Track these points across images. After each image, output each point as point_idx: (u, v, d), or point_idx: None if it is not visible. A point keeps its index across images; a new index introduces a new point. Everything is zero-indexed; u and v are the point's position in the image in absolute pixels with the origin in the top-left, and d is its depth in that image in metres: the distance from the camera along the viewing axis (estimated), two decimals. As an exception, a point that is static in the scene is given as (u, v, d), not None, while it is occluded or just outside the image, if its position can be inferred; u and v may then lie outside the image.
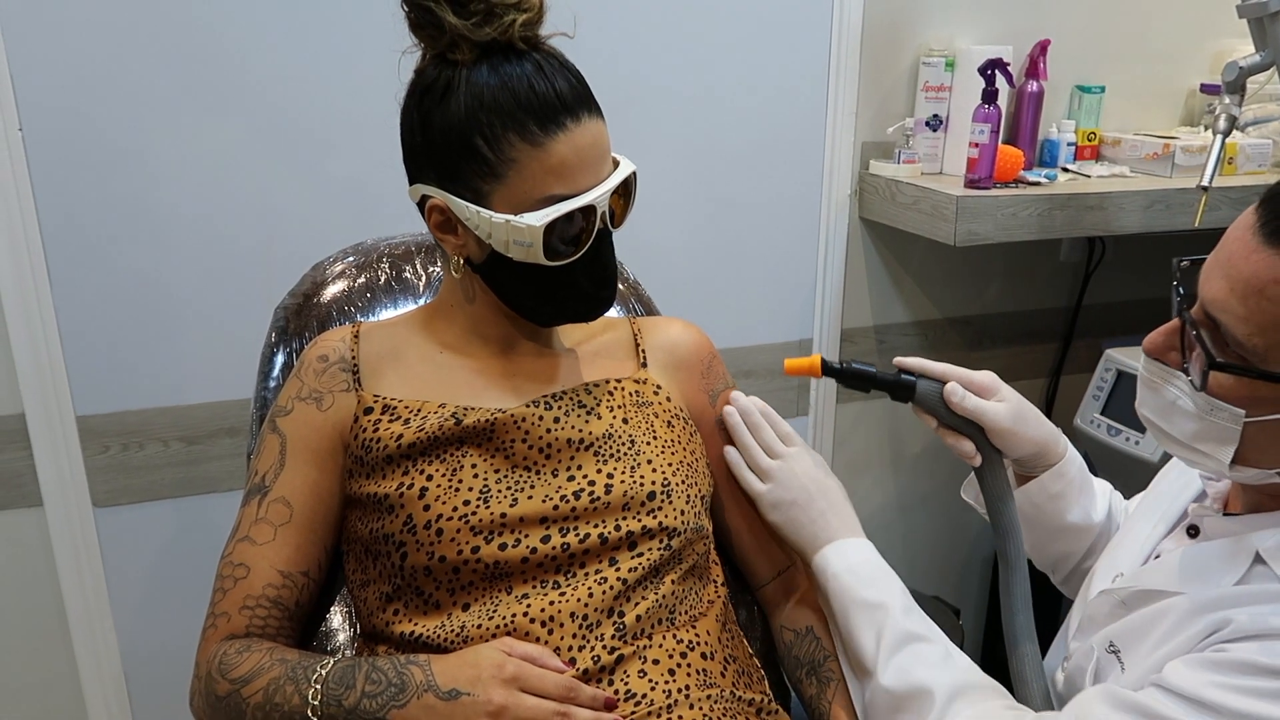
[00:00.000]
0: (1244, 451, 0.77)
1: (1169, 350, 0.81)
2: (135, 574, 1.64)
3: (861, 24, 1.82)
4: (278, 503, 0.94)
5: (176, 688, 1.69)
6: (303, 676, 0.85)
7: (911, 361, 1.00)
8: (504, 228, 0.88)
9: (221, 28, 1.47)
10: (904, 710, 0.89)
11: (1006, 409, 0.97)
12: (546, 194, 0.88)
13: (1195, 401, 0.78)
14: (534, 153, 0.86)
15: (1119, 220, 1.79)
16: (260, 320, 1.21)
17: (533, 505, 0.91)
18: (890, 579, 0.97)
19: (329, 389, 0.97)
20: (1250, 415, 0.75)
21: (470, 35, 0.86)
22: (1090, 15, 1.97)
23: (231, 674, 0.87)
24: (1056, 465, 1.03)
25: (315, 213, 1.58)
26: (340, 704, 0.83)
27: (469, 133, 0.87)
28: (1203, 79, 2.07)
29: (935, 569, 2.28)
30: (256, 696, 0.86)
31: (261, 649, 0.89)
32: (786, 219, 1.90)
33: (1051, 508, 1.04)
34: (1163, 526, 0.93)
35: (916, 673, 0.89)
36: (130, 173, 1.48)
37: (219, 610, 0.93)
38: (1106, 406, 1.81)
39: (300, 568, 0.94)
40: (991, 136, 1.70)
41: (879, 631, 0.92)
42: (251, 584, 0.92)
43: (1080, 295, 2.17)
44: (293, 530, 0.94)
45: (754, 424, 1.05)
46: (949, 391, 0.97)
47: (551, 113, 0.86)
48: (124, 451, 1.57)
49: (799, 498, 1.01)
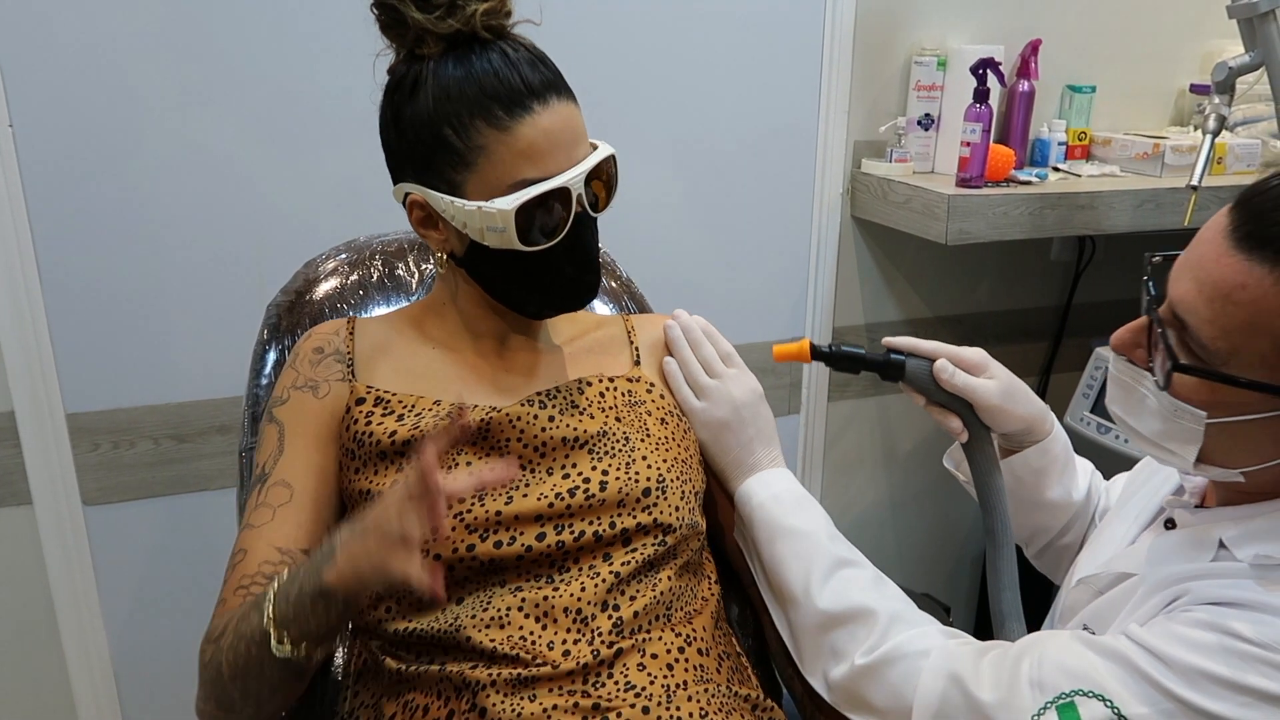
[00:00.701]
0: (1208, 451, 0.78)
1: (1135, 347, 0.82)
2: (125, 572, 1.63)
3: (854, 23, 1.82)
4: (277, 485, 0.94)
5: (167, 687, 1.69)
6: (263, 598, 0.83)
7: (900, 341, 1.01)
8: (477, 215, 0.88)
9: (213, 24, 1.46)
10: (840, 628, 0.91)
11: (996, 386, 0.98)
12: (518, 178, 0.88)
13: (1160, 401, 0.79)
14: (502, 137, 0.87)
15: (1109, 219, 1.80)
16: (252, 317, 1.21)
17: (528, 503, 0.91)
18: (814, 507, 1.00)
19: (324, 378, 0.98)
20: (1212, 417, 0.76)
21: (434, 29, 0.87)
22: (1081, 15, 1.98)
23: (212, 636, 0.87)
24: (1042, 442, 1.03)
25: (307, 210, 1.58)
26: (288, 599, 0.81)
27: (438, 124, 0.88)
28: (1192, 79, 2.08)
29: (926, 567, 2.29)
30: (227, 638, 0.85)
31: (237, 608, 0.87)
32: (779, 217, 1.90)
33: (1033, 482, 1.05)
34: (1143, 519, 0.94)
35: (853, 595, 0.91)
36: (121, 169, 1.47)
37: (219, 599, 0.92)
38: (1096, 404, 1.81)
39: (300, 544, 0.92)
40: (983, 136, 1.71)
41: (809, 557, 0.94)
42: (247, 564, 0.91)
43: (1071, 294, 2.18)
44: (293, 509, 0.93)
45: (694, 340, 1.06)
46: (938, 368, 0.97)
47: (517, 97, 0.87)
48: (114, 449, 1.57)
49: (731, 420, 1.02)
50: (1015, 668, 0.80)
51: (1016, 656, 0.82)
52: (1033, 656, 0.80)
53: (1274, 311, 0.71)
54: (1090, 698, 0.75)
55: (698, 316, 1.08)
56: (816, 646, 0.94)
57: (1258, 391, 0.73)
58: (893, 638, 0.88)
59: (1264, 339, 0.72)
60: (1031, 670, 0.79)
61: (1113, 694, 0.75)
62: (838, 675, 0.91)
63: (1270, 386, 0.72)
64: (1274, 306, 0.71)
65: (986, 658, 0.84)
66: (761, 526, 0.99)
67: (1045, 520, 1.09)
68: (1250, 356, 0.73)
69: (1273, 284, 0.70)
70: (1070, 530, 1.09)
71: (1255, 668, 0.72)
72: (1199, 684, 0.73)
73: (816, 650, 0.94)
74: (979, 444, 1.00)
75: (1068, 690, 0.76)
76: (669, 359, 1.07)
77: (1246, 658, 0.72)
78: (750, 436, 1.03)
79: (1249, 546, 0.79)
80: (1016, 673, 0.80)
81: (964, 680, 0.82)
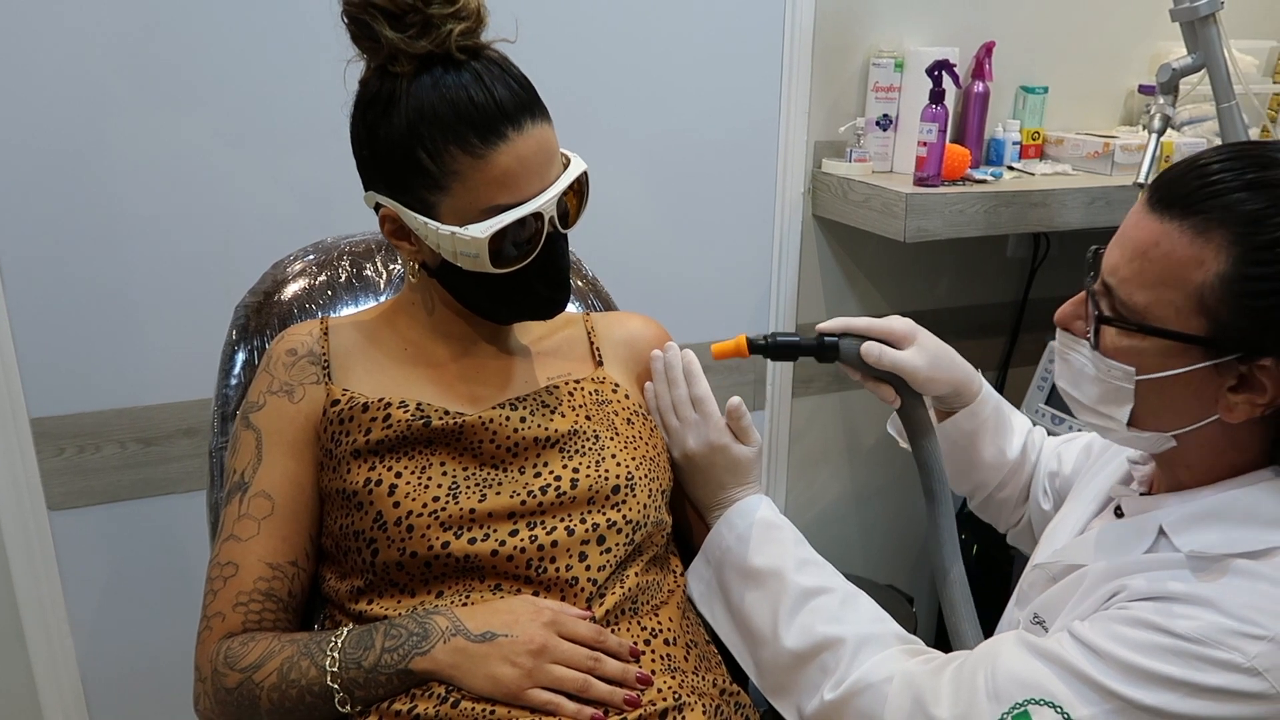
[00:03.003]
0: (1139, 414, 0.83)
1: (1075, 319, 0.87)
2: (92, 578, 1.62)
3: (813, 26, 1.85)
4: (259, 497, 0.95)
5: (135, 694, 1.68)
6: (318, 650, 0.86)
7: (832, 324, 1.06)
8: (450, 239, 0.89)
9: (178, 26, 1.46)
10: (809, 664, 0.94)
11: (924, 360, 1.04)
12: (491, 204, 0.88)
13: (1095, 364, 0.84)
14: (475, 164, 0.87)
15: (1061, 216, 1.85)
16: (220, 319, 1.21)
17: (501, 501, 0.93)
18: (780, 536, 1.02)
19: (299, 381, 0.98)
20: (1141, 374, 0.81)
21: (407, 48, 0.86)
22: (1033, 18, 2.03)
23: (240, 664, 0.88)
24: (971, 405, 1.10)
25: (275, 211, 1.58)
26: (360, 665, 0.85)
27: (411, 146, 0.87)
28: (1141, 80, 2.14)
29: (890, 558, 2.34)
30: (271, 678, 0.86)
31: (267, 637, 0.90)
32: (742, 217, 1.93)
33: (966, 444, 1.12)
34: (1094, 506, 0.99)
35: (818, 628, 0.94)
36: (85, 171, 1.46)
37: (213, 611, 0.93)
38: (1051, 396, 1.86)
39: (288, 557, 0.95)
40: (939, 136, 1.75)
41: (775, 598, 0.96)
42: (242, 580, 0.92)
43: (1027, 290, 2.24)
44: (276, 522, 0.94)
45: (671, 379, 1.09)
46: (865, 350, 1.03)
47: (491, 123, 0.86)
48: (80, 454, 1.56)
49: (685, 466, 1.07)
50: (972, 681, 0.83)
51: (973, 669, 0.84)
52: (987, 668, 0.83)
53: (1183, 263, 0.76)
54: (1041, 705, 0.78)
55: (687, 351, 1.10)
56: (789, 684, 0.96)
57: (1173, 340, 0.78)
58: (858, 667, 0.91)
59: (1176, 290, 0.77)
60: (987, 683, 0.82)
61: (1060, 698, 0.78)
62: (810, 710, 0.93)
63: (1183, 334, 0.77)
64: (1183, 258, 0.76)
65: (945, 674, 0.86)
66: (732, 572, 1.01)
67: (982, 477, 1.15)
68: (1166, 308, 0.78)
69: (1180, 237, 0.76)
70: (1008, 485, 1.16)
71: (1190, 662, 0.74)
72: (1138, 681, 0.76)
73: (789, 687, 0.96)
74: (911, 410, 1.06)
75: (1020, 700, 0.79)
76: (649, 384, 1.10)
77: (1181, 653, 0.75)
78: (709, 479, 1.06)
79: (1186, 534, 0.82)
80: (974, 686, 0.83)
81: (925, 702, 0.85)
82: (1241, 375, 0.77)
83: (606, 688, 0.85)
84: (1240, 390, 0.78)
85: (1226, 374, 0.78)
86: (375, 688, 0.85)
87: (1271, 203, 0.74)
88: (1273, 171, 0.75)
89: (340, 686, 0.85)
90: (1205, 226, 0.75)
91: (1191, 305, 0.76)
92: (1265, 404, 0.77)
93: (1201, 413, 0.81)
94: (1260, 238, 0.74)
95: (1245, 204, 0.74)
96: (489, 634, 0.85)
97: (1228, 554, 0.79)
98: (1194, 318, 0.77)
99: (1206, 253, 0.75)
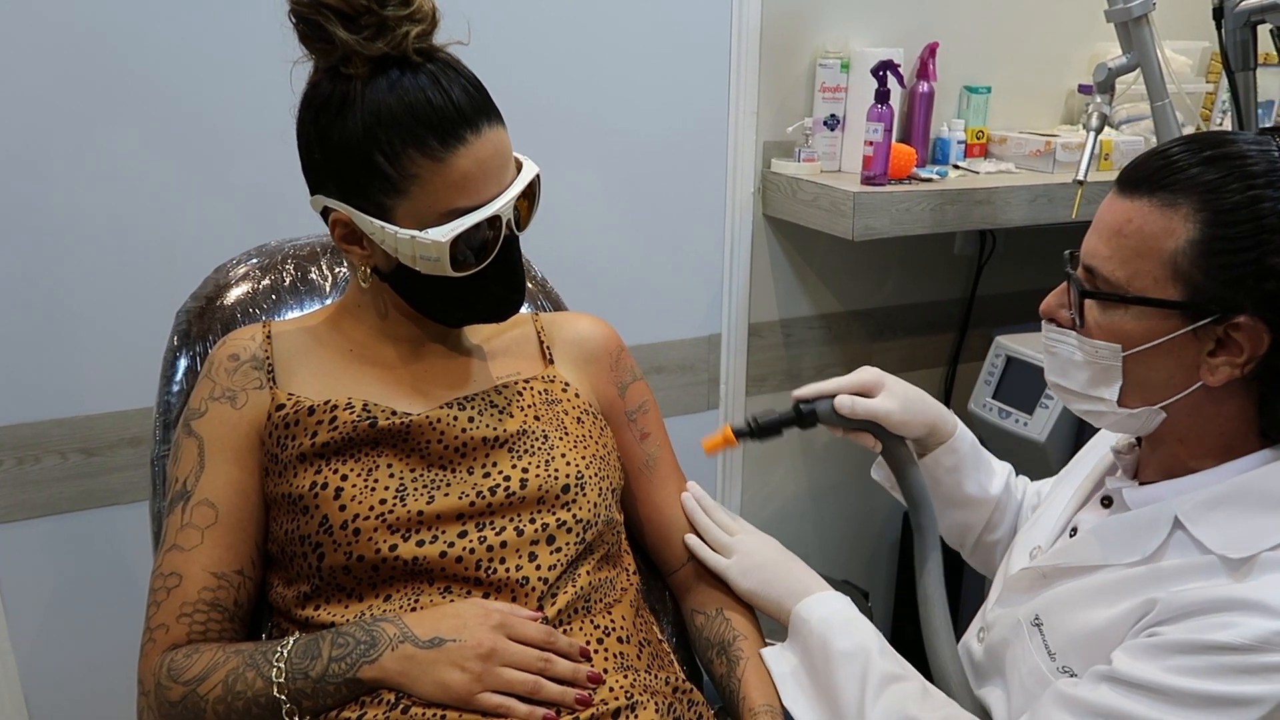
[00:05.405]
0: (1128, 391, 0.87)
1: (1059, 308, 0.91)
2: (33, 593, 1.58)
3: (760, 27, 1.87)
4: (202, 505, 0.93)
5: (80, 710, 1.64)
6: (263, 660, 0.85)
7: (805, 391, 1.09)
8: (409, 243, 0.88)
9: (113, 30, 1.43)
10: None
11: (896, 404, 1.07)
12: (450, 207, 0.88)
13: (1082, 349, 0.88)
14: (436, 168, 0.86)
15: (1005, 213, 1.89)
16: (161, 325, 1.19)
17: (449, 502, 0.92)
18: (863, 624, 1.02)
19: (242, 387, 0.97)
20: (1127, 349, 0.84)
21: (362, 50, 0.85)
22: (976, 19, 2.06)
23: (184, 676, 0.86)
24: (948, 441, 1.12)
25: (216, 215, 1.55)
26: (307, 675, 0.83)
27: (369, 150, 0.86)
28: (1081, 80, 2.19)
29: (845, 554, 2.36)
30: (216, 690, 0.85)
31: (211, 649, 0.88)
32: (693, 217, 1.94)
33: (948, 480, 1.13)
34: (1077, 499, 1.00)
35: (906, 708, 0.93)
36: (20, 176, 1.43)
37: (156, 623, 0.91)
38: (998, 390, 1.89)
39: (233, 566, 0.93)
40: (885, 135, 1.77)
41: (862, 676, 0.96)
42: (186, 590, 0.91)
43: (974, 287, 2.27)
44: (221, 530, 0.93)
45: (709, 506, 1.12)
46: (838, 404, 1.06)
47: (451, 126, 0.86)
48: (19, 465, 1.52)
49: (764, 561, 1.07)
50: None
51: None
52: None
53: (1155, 234, 0.81)
54: None
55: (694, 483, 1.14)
56: None
57: (1154, 307, 0.82)
58: None
59: (1152, 260, 0.82)
60: None
61: None
62: None
63: (1162, 300, 0.82)
64: (1155, 230, 0.81)
65: None
66: (816, 648, 1.00)
67: (968, 517, 1.16)
68: (1145, 279, 0.82)
69: (1150, 212, 0.82)
70: (998, 527, 1.17)
71: (1249, 675, 0.75)
72: (1204, 708, 0.76)
73: None
74: (894, 449, 1.09)
75: None
76: (689, 535, 1.11)
77: (1238, 669, 0.75)
78: (789, 567, 1.07)
79: (1205, 524, 0.83)
80: None
81: None
82: (1219, 339, 0.81)
83: (558, 688, 0.85)
84: (1219, 353, 0.82)
85: (1205, 339, 0.82)
86: (323, 697, 0.84)
87: (1228, 172, 0.80)
88: (1225, 148, 0.81)
89: (287, 697, 0.84)
90: (1171, 200, 0.81)
91: (1167, 273, 0.81)
92: (1243, 362, 0.81)
93: (1186, 380, 0.84)
94: (1222, 202, 0.79)
95: (1204, 175, 0.80)
96: (437, 640, 0.84)
97: (1256, 551, 0.80)
98: (1171, 285, 0.81)
99: (1175, 222, 0.80)
